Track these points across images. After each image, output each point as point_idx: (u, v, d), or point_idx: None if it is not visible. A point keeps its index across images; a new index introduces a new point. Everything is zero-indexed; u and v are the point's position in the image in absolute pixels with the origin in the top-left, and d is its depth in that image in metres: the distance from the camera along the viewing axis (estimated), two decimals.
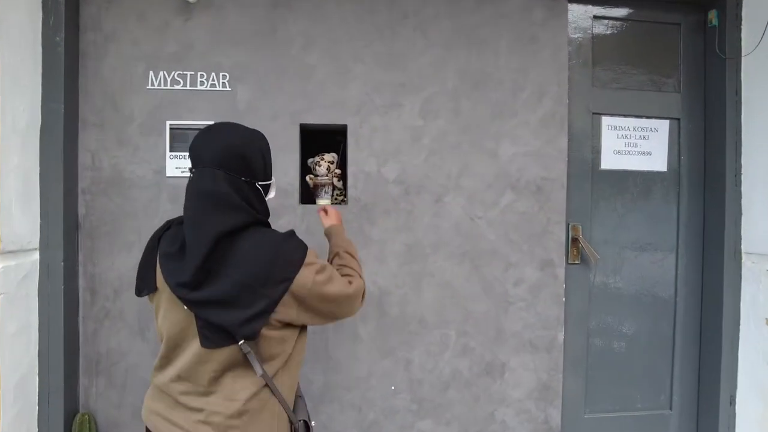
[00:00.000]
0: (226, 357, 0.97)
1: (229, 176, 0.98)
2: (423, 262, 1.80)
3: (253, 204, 1.02)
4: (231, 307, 0.94)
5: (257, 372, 0.97)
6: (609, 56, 1.93)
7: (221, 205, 0.97)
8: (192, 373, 0.99)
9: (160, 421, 1.03)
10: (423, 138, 1.79)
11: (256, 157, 1.04)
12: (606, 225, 1.94)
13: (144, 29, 1.72)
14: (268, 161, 1.09)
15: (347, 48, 1.77)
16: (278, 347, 1.01)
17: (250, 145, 1.04)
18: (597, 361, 1.95)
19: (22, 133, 1.54)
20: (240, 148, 1.01)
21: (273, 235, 1.01)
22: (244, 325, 0.94)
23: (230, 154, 1.00)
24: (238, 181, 0.99)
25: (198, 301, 0.95)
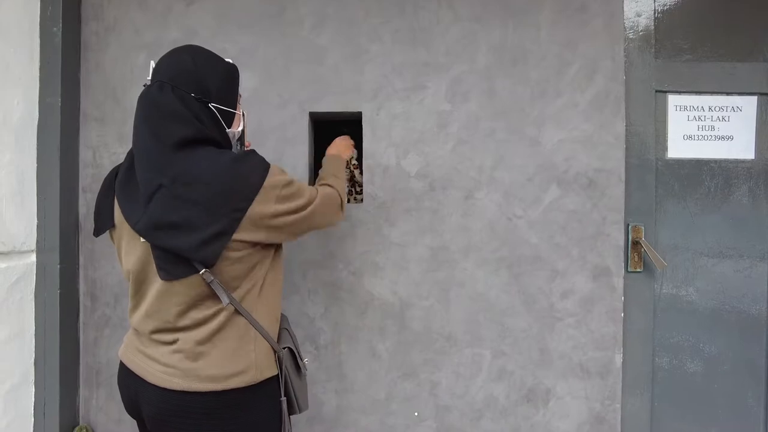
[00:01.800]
0: (189, 289, 0.92)
1: (177, 90, 0.93)
2: (451, 269, 1.54)
3: (204, 122, 0.94)
4: (184, 230, 0.88)
5: (223, 301, 0.92)
6: (676, 22, 1.60)
7: (167, 116, 0.91)
8: (158, 308, 0.95)
9: (137, 355, 1.00)
10: (450, 125, 1.55)
11: (211, 75, 0.97)
12: (674, 226, 1.61)
13: (145, 16, 1.60)
14: (230, 87, 1.01)
15: (363, 26, 1.56)
16: (245, 270, 0.95)
17: (207, 62, 0.98)
18: (664, 390, 1.61)
19: (16, 128, 1.45)
20: (192, 63, 0.95)
21: (229, 154, 0.94)
22: (200, 249, 0.88)
23: (181, 68, 0.94)
24: (185, 96, 0.93)
25: (150, 226, 0.89)
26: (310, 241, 1.55)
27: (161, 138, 0.90)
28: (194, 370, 0.93)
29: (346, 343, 1.55)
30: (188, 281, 0.92)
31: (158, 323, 0.96)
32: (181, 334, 0.95)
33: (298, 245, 1.56)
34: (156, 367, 0.95)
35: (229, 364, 0.94)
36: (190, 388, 0.93)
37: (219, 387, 0.93)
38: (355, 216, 1.56)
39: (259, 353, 0.98)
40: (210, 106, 0.96)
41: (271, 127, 1.56)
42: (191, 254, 0.88)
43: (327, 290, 1.56)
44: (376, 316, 1.55)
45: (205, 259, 0.89)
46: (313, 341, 1.55)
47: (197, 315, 0.94)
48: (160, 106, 0.92)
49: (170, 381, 0.93)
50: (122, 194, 0.95)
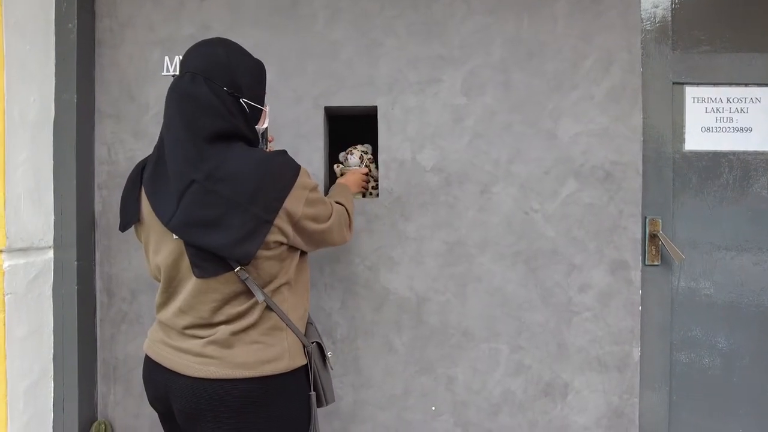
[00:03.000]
0: (224, 286, 0.93)
1: (211, 82, 0.92)
2: (467, 263, 1.54)
3: (236, 116, 0.94)
4: (219, 227, 0.87)
5: (258, 298, 0.93)
6: (693, 13, 1.58)
7: (201, 107, 0.90)
8: (193, 305, 0.95)
9: (165, 348, 0.99)
10: (466, 118, 1.54)
11: (242, 71, 0.97)
12: (692, 219, 1.59)
13: (159, 12, 1.59)
14: (259, 84, 1.03)
15: (377, 20, 1.56)
16: (277, 268, 0.96)
17: (239, 58, 0.98)
18: (682, 384, 1.60)
19: (32, 125, 1.45)
20: (225, 57, 0.95)
21: (261, 152, 0.95)
22: (236, 247, 0.87)
23: (215, 61, 0.94)
24: (219, 90, 0.92)
25: (183, 223, 0.88)
26: None
27: (195, 130, 0.89)
28: (229, 357, 0.93)
29: (363, 337, 1.55)
30: (223, 278, 0.92)
31: (193, 319, 0.96)
32: (216, 328, 0.95)
33: None
34: (189, 358, 0.95)
35: (262, 351, 0.95)
36: (226, 375, 0.93)
37: (254, 373, 0.93)
38: (370, 211, 1.55)
39: (290, 343, 0.99)
40: (241, 101, 0.95)
41: (286, 123, 1.55)
42: (227, 252, 0.88)
43: (343, 285, 1.56)
44: (393, 310, 1.55)
45: (240, 257, 0.88)
46: (330, 335, 1.55)
47: (232, 310, 0.94)
48: (193, 98, 0.91)
49: (205, 370, 0.93)
50: (151, 189, 0.94)
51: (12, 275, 1.38)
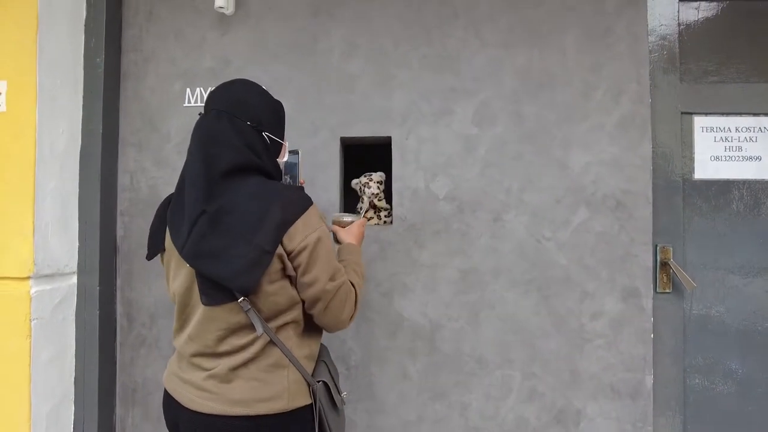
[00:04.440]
0: (229, 315, 0.94)
1: (234, 119, 0.97)
2: (481, 291, 1.56)
3: (255, 150, 0.98)
4: (224, 258, 0.90)
5: (257, 331, 0.93)
6: (701, 45, 1.62)
7: (220, 143, 0.95)
8: (200, 332, 0.97)
9: (175, 380, 1.02)
10: (478, 148, 1.58)
11: (265, 108, 1.02)
12: (703, 247, 1.61)
13: (182, 46, 1.66)
14: (279, 120, 1.07)
15: (392, 54, 1.61)
16: (283, 304, 0.96)
17: (261, 97, 1.04)
18: (697, 412, 1.60)
19: (61, 155, 1.52)
20: (249, 95, 1.01)
21: (274, 184, 0.97)
22: (238, 277, 0.89)
23: (238, 99, 0.99)
24: (242, 125, 0.97)
25: (193, 253, 0.91)
26: None
27: (213, 165, 0.93)
28: (226, 394, 0.94)
29: (377, 363, 1.57)
30: (228, 308, 0.93)
31: (199, 347, 0.98)
32: (219, 360, 0.97)
33: None
34: (191, 391, 0.97)
35: (260, 389, 0.95)
36: (223, 411, 0.94)
37: (250, 412, 0.93)
38: (384, 238, 1.59)
39: (291, 382, 0.97)
40: (263, 135, 1.00)
41: (304, 153, 1.58)
42: (229, 282, 0.90)
43: (358, 311, 1.58)
44: (407, 337, 1.57)
45: (242, 287, 0.90)
46: (344, 362, 1.58)
47: (235, 342, 0.95)
48: (214, 134, 0.96)
49: (204, 405, 0.95)
50: (171, 219, 0.98)
51: (39, 301, 1.43)
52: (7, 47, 1.42)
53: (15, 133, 1.42)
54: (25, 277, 1.41)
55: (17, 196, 1.42)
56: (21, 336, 1.39)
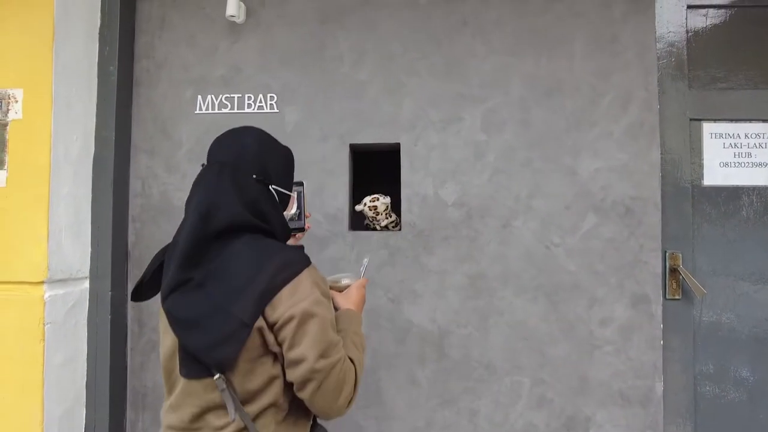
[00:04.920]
0: (206, 392, 0.84)
1: (238, 172, 0.90)
2: (489, 297, 1.56)
3: (258, 207, 0.90)
4: (199, 329, 0.81)
5: (230, 415, 0.82)
6: (709, 52, 1.62)
7: (217, 204, 0.87)
8: (180, 405, 0.88)
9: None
10: (486, 155, 1.59)
11: (273, 158, 0.96)
12: (713, 253, 1.60)
13: (193, 54, 1.68)
14: (288, 170, 1.01)
15: (400, 61, 1.63)
16: (261, 383, 0.84)
17: (269, 145, 0.97)
18: (707, 419, 1.59)
19: (74, 162, 1.54)
20: (255, 146, 0.93)
21: (268, 245, 0.88)
22: (212, 351, 0.80)
23: (244, 150, 0.92)
24: (246, 179, 0.90)
25: (173, 319, 0.83)
26: (350, 268, 1.59)
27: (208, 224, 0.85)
28: None
29: (386, 369, 1.58)
30: (205, 383, 0.84)
31: (176, 420, 0.88)
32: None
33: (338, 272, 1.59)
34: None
35: None
36: None
37: None
38: (393, 244, 1.59)
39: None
40: (270, 189, 0.93)
41: (313, 160, 1.62)
42: (203, 356, 0.81)
43: (366, 317, 1.58)
44: (415, 343, 1.57)
45: (216, 362, 0.81)
46: None
47: (213, 422, 0.85)
48: (214, 191, 0.88)
49: None
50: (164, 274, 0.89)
51: (52, 305, 1.45)
52: (24, 56, 1.45)
53: (31, 140, 1.45)
54: (39, 282, 1.43)
55: (32, 201, 1.44)
56: (35, 339, 1.41)
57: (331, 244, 1.61)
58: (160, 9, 1.70)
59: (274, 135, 1.57)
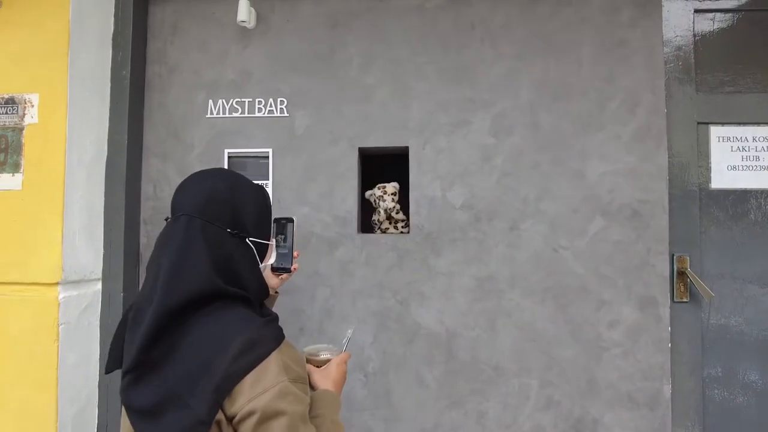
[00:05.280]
0: None
1: (210, 226, 0.79)
2: (497, 299, 1.57)
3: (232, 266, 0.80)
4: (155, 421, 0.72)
5: None
6: (717, 55, 1.63)
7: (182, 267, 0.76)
8: None
9: None
10: (494, 158, 1.60)
11: (248, 206, 0.85)
12: (721, 256, 1.61)
13: (205, 59, 1.71)
14: (265, 217, 0.90)
15: (409, 65, 1.64)
16: None
17: (243, 191, 0.85)
18: (715, 422, 1.59)
19: (88, 165, 1.56)
20: (228, 193, 0.83)
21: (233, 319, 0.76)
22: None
23: (216, 199, 0.81)
24: (220, 234, 0.80)
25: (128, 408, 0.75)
26: (359, 270, 1.61)
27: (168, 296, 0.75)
28: None
29: (394, 371, 1.59)
30: None
31: None
32: None
33: (347, 274, 1.61)
34: None
35: None
36: None
37: None
38: (401, 246, 1.61)
39: None
40: (247, 242, 0.84)
41: (323, 163, 1.63)
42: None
43: (375, 319, 1.60)
44: (424, 345, 1.59)
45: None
46: (362, 369, 1.59)
47: None
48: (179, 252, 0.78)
49: None
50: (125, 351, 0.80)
51: (66, 306, 1.47)
52: (40, 62, 1.48)
53: (46, 144, 1.47)
54: (53, 283, 1.45)
55: (48, 204, 1.47)
56: (49, 340, 1.43)
57: (340, 247, 1.62)
58: (172, 15, 1.73)
59: (285, 138, 1.64)
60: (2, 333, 1.45)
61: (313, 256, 1.62)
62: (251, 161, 1.66)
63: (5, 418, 1.44)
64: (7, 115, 1.49)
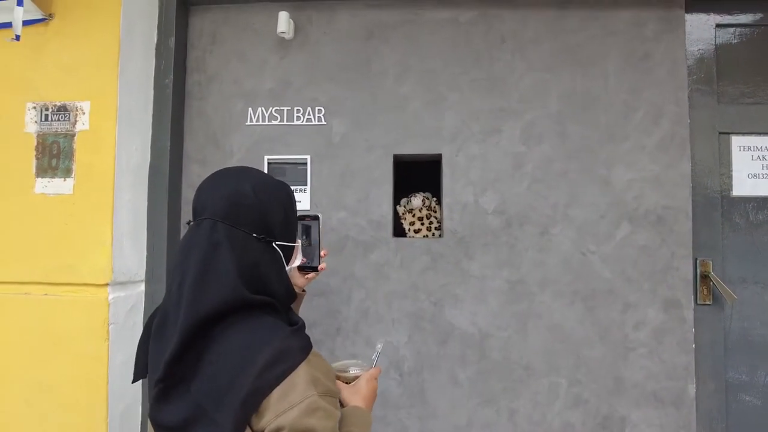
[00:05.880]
0: None
1: (235, 231, 0.76)
2: (528, 301, 1.64)
3: (258, 272, 0.78)
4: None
5: None
6: (737, 68, 1.70)
7: (207, 278, 0.74)
8: None
9: None
10: (525, 165, 1.67)
11: (274, 208, 0.82)
12: (742, 261, 1.67)
13: (244, 68, 1.77)
14: (291, 218, 0.86)
15: (442, 76, 1.71)
16: None
17: (269, 192, 0.82)
18: (739, 421, 1.65)
19: (134, 170, 1.62)
20: (253, 194, 0.79)
21: (260, 328, 0.74)
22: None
23: (240, 202, 0.78)
24: (245, 239, 0.77)
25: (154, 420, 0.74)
26: (393, 273, 1.67)
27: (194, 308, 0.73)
28: None
29: (429, 370, 1.65)
30: None
31: None
32: None
33: (382, 276, 1.67)
34: None
35: None
36: None
37: None
38: (435, 250, 1.67)
39: None
40: (273, 246, 0.82)
41: (358, 169, 1.70)
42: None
43: (410, 320, 1.66)
44: (457, 345, 1.65)
45: None
46: (398, 368, 1.65)
47: None
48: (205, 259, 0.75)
49: None
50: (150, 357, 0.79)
51: (115, 307, 1.52)
52: (92, 70, 1.54)
53: (97, 150, 1.53)
54: (103, 284, 1.51)
55: (98, 208, 1.52)
56: (100, 339, 1.49)
57: (375, 250, 1.68)
58: (211, 25, 1.79)
59: (322, 146, 1.70)
60: (54, 333, 1.50)
61: (349, 259, 1.68)
62: (290, 167, 1.72)
63: (57, 414, 1.49)
64: (60, 122, 1.54)
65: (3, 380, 1.50)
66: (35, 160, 1.55)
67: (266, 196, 0.81)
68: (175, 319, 0.74)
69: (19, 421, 1.49)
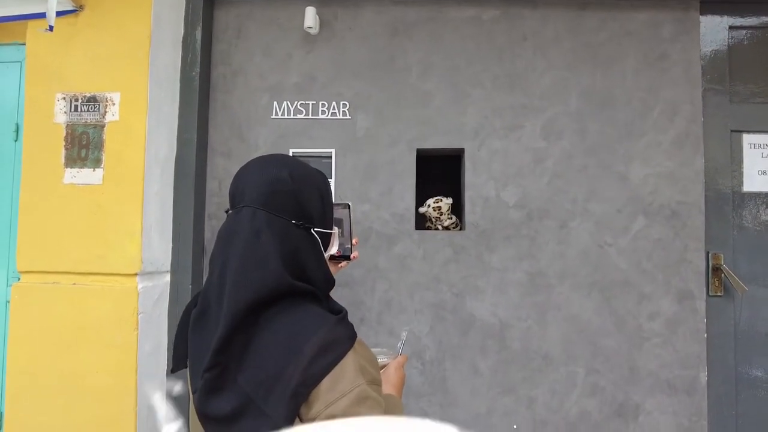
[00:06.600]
0: None
1: (275, 218, 0.75)
2: (548, 293, 1.69)
3: (299, 259, 0.77)
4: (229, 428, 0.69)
5: None
6: (749, 68, 1.77)
7: (249, 265, 0.73)
8: None
9: None
10: (546, 160, 1.71)
11: (312, 195, 0.80)
12: (752, 254, 1.74)
13: (269, 62, 1.79)
14: (328, 204, 0.85)
15: (465, 73, 1.75)
16: None
17: (306, 179, 0.80)
18: (749, 408, 1.72)
19: (162, 162, 1.64)
20: (291, 182, 0.77)
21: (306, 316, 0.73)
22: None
23: (279, 189, 0.76)
24: (286, 226, 0.75)
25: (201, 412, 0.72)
26: (416, 265, 1.71)
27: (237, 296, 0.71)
28: None
29: (450, 360, 1.69)
30: None
31: None
32: None
33: (405, 268, 1.71)
34: None
35: None
36: None
37: None
38: (458, 242, 1.71)
39: None
40: (312, 233, 0.80)
41: (382, 163, 1.73)
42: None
43: (432, 310, 1.70)
44: (478, 335, 1.69)
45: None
46: (420, 357, 1.69)
47: None
48: (246, 247, 0.74)
49: None
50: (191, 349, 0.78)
51: (144, 296, 1.54)
52: (123, 62, 1.55)
53: (126, 141, 1.55)
54: (133, 274, 1.53)
55: (127, 198, 1.54)
56: (130, 328, 1.51)
57: (399, 242, 1.72)
58: (236, 19, 1.81)
59: (347, 139, 1.74)
60: (84, 322, 1.51)
61: (373, 251, 1.72)
62: (314, 160, 1.75)
63: (86, 402, 1.50)
64: (89, 113, 1.56)
65: (32, 369, 1.52)
66: (64, 150, 1.56)
67: (304, 184, 0.79)
68: (218, 308, 0.73)
69: (48, 409, 1.51)
